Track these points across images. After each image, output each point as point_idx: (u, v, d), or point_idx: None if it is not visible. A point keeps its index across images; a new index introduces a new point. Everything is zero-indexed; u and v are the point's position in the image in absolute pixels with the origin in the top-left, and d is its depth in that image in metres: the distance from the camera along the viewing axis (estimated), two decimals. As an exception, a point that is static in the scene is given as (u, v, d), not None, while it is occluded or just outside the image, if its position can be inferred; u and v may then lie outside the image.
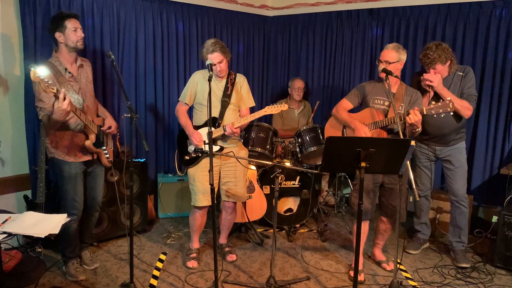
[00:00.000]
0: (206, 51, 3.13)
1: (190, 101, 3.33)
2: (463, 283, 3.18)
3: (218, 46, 3.11)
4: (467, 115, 3.28)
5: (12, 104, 3.51)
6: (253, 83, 5.33)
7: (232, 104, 3.29)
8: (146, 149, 2.75)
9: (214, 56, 3.11)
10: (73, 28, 2.85)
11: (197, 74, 3.34)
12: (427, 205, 3.75)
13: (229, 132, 3.16)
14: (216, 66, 3.14)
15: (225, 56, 3.17)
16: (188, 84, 3.34)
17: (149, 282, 3.11)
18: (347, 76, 4.96)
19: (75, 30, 2.85)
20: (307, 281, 3.18)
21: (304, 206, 4.16)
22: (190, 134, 3.26)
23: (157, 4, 4.25)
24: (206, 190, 3.22)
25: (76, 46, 2.88)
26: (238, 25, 5.05)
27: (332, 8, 4.93)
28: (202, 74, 3.30)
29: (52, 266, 3.27)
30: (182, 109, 3.36)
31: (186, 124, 3.31)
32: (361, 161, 2.40)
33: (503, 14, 3.90)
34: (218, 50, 3.11)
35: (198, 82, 3.29)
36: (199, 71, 3.40)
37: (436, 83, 3.24)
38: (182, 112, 3.35)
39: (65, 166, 2.95)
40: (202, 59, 3.20)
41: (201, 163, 3.26)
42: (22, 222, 2.28)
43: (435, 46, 3.25)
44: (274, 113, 3.23)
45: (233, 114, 3.31)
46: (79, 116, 2.74)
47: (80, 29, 2.90)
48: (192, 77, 3.34)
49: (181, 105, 3.37)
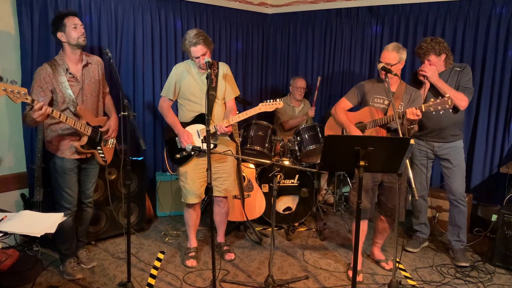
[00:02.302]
0: (189, 44, 2.99)
1: (174, 96, 3.22)
2: (462, 282, 3.17)
3: (201, 38, 2.97)
4: (462, 107, 3.29)
5: (9, 103, 3.47)
6: (252, 81, 5.32)
7: (218, 98, 3.20)
8: (143, 148, 2.73)
9: (197, 49, 2.98)
10: (73, 25, 2.84)
11: (179, 67, 3.20)
12: (424, 206, 3.74)
13: (221, 131, 3.09)
14: (199, 58, 3.02)
15: (209, 48, 3.03)
16: (170, 78, 3.20)
17: (147, 281, 3.10)
18: (346, 74, 4.95)
19: (75, 27, 2.85)
20: (305, 280, 3.17)
21: (303, 204, 4.14)
22: (180, 133, 3.16)
23: (155, 1, 4.22)
24: (198, 188, 3.21)
25: (78, 43, 2.87)
26: (237, 23, 5.03)
27: (331, 6, 4.91)
28: (185, 67, 3.18)
29: (50, 265, 3.26)
30: (166, 105, 3.23)
31: (174, 122, 3.20)
32: (360, 160, 2.38)
33: (503, 12, 3.88)
34: (202, 42, 2.97)
35: (182, 75, 3.16)
36: (180, 63, 3.25)
37: (431, 73, 3.26)
38: (167, 108, 3.23)
39: (58, 160, 2.97)
40: (184, 50, 3.09)
41: (192, 161, 3.22)
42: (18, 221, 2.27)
43: (430, 39, 3.33)
44: (268, 110, 3.15)
45: (221, 107, 3.24)
46: (66, 121, 2.75)
47: (81, 25, 2.89)
48: (174, 70, 3.19)
49: (165, 101, 3.23)
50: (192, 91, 3.15)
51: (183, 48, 3.08)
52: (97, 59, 3.13)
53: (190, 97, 3.16)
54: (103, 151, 3.10)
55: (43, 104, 2.55)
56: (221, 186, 3.33)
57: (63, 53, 2.92)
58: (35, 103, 2.51)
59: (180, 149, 3.22)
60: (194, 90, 3.15)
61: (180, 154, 3.22)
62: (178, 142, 3.23)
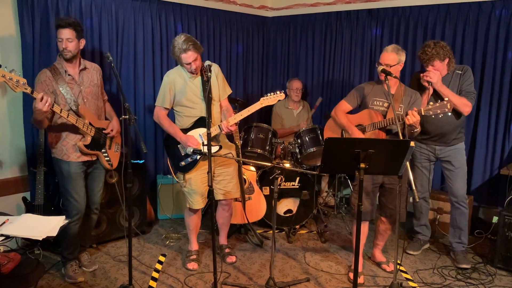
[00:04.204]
0: (179, 51, 2.95)
1: (170, 104, 3.18)
2: (464, 284, 3.17)
3: (190, 44, 2.93)
4: (466, 112, 3.29)
5: (10, 106, 3.50)
6: (252, 84, 5.33)
7: (215, 99, 3.18)
8: (144, 151, 2.73)
9: (188, 56, 2.95)
10: (60, 38, 2.87)
11: (171, 75, 3.17)
12: (426, 207, 3.73)
13: (226, 131, 3.09)
14: (191, 64, 3.01)
15: (199, 52, 3.00)
16: (163, 87, 3.16)
17: (148, 284, 3.10)
18: (346, 76, 4.95)
19: (61, 41, 2.86)
20: (306, 283, 3.17)
21: (303, 207, 4.15)
22: (183, 140, 3.12)
23: (155, 5, 4.24)
24: (203, 193, 3.21)
25: (62, 55, 2.90)
26: (237, 26, 5.04)
27: (331, 9, 4.92)
28: (177, 73, 3.16)
29: (51, 268, 3.26)
30: (163, 114, 3.19)
31: (175, 130, 3.16)
32: (360, 162, 2.39)
33: (502, 14, 3.89)
34: (192, 48, 2.93)
35: (175, 82, 3.13)
36: (171, 70, 3.22)
37: (435, 80, 3.24)
38: (164, 117, 3.19)
39: (65, 165, 2.97)
40: (174, 58, 3.06)
41: (198, 166, 3.21)
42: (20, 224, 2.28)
43: (433, 44, 3.28)
44: (271, 104, 3.12)
45: (218, 108, 3.24)
46: (67, 118, 2.77)
47: (67, 39, 2.85)
48: (167, 79, 3.15)
49: (160, 110, 3.19)
50: (188, 97, 3.14)
51: (173, 55, 3.05)
52: (95, 66, 3.16)
53: (186, 103, 3.15)
54: (108, 155, 3.11)
55: (43, 94, 2.57)
56: (224, 189, 3.33)
57: (60, 58, 2.95)
58: (35, 94, 2.55)
59: (185, 155, 3.20)
60: (189, 96, 3.14)
61: (185, 161, 3.20)
62: (182, 149, 3.20)
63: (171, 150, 3.27)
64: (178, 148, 3.22)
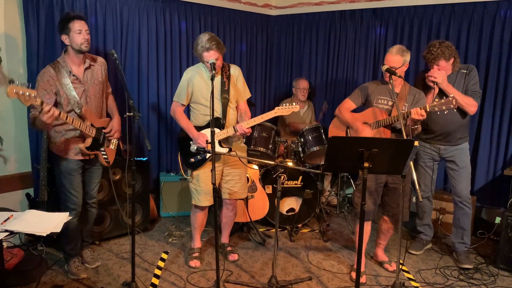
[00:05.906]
0: (202, 49, 2.98)
1: (186, 101, 3.22)
2: (466, 285, 3.17)
3: (214, 43, 2.96)
4: (472, 112, 3.29)
5: (15, 103, 3.50)
6: (256, 83, 5.32)
7: (231, 102, 3.21)
8: (149, 148, 2.74)
9: (210, 54, 2.97)
10: (78, 30, 2.82)
11: (189, 72, 3.21)
12: (429, 207, 3.73)
13: (241, 132, 3.09)
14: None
15: (221, 53, 3.04)
16: (182, 83, 3.21)
17: (150, 281, 3.11)
18: (350, 75, 4.94)
19: (80, 32, 2.82)
20: (309, 281, 3.17)
21: (306, 206, 4.15)
22: (195, 136, 3.16)
23: (160, 2, 4.24)
24: (209, 191, 3.21)
25: (80, 49, 2.86)
26: (241, 24, 5.04)
27: (335, 8, 4.91)
28: (196, 71, 3.19)
29: (54, 265, 3.27)
30: (179, 110, 3.25)
31: (188, 126, 3.20)
32: (364, 162, 2.39)
33: (507, 15, 3.88)
34: (215, 48, 2.96)
35: (193, 80, 3.17)
36: (190, 68, 3.26)
37: (441, 79, 3.24)
38: (180, 113, 3.25)
39: (63, 161, 2.98)
40: (196, 55, 3.08)
41: (206, 165, 3.21)
42: (24, 220, 2.28)
43: (439, 43, 3.28)
44: (284, 114, 3.13)
45: (234, 111, 3.26)
46: (72, 123, 2.77)
47: (86, 30, 2.85)
48: (186, 75, 3.20)
49: (177, 106, 3.24)
50: (204, 95, 3.14)
51: (195, 52, 3.07)
52: (100, 59, 3.14)
53: (203, 101, 3.17)
54: (106, 152, 3.12)
55: (51, 107, 2.57)
56: (232, 189, 3.34)
57: (65, 55, 2.92)
58: (44, 105, 2.52)
59: (195, 153, 3.22)
60: (207, 94, 3.13)
61: (194, 158, 3.22)
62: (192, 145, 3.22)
63: (183, 146, 3.30)
64: (190, 145, 3.25)
